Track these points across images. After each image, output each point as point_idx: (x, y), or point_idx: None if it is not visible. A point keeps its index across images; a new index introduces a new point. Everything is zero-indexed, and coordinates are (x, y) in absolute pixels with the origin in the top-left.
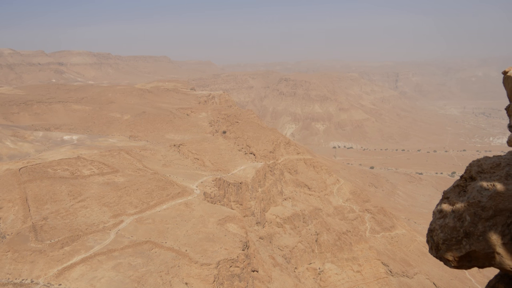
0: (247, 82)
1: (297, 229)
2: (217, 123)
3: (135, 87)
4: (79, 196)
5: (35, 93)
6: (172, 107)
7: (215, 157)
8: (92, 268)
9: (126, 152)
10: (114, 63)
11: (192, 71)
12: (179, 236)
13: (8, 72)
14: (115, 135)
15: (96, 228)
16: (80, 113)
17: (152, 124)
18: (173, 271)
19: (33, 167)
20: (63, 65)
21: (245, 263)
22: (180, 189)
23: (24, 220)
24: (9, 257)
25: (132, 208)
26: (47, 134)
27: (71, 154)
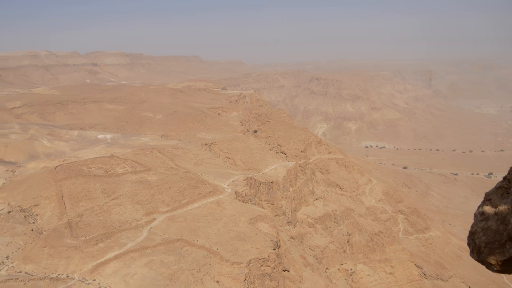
0: (278, 81)
1: (328, 229)
2: (248, 123)
3: (167, 87)
4: (113, 194)
5: (70, 93)
6: (204, 107)
7: (246, 156)
8: (125, 264)
9: (159, 151)
10: (146, 63)
11: (223, 71)
12: (210, 234)
13: (45, 73)
14: (148, 134)
15: (129, 225)
16: (114, 112)
17: (184, 123)
18: (205, 269)
19: (69, 165)
20: (97, 65)
21: (276, 262)
22: (211, 188)
23: (60, 217)
24: (46, 253)
25: (164, 206)
26: (82, 133)
27: (105, 153)
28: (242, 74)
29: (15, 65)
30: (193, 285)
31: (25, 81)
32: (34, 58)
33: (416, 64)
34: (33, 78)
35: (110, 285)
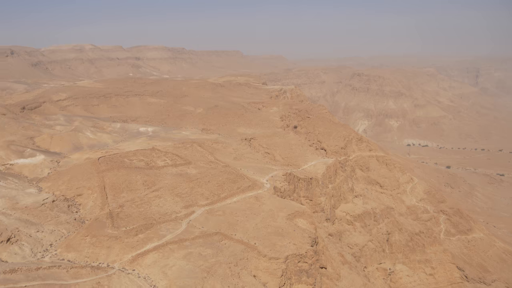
0: (319, 77)
1: (367, 227)
2: (288, 118)
3: (208, 81)
4: (153, 186)
5: (113, 86)
6: (244, 101)
7: (286, 152)
8: (164, 256)
9: (199, 144)
10: (188, 57)
11: (264, 66)
12: (248, 229)
13: (89, 67)
14: (188, 128)
15: (168, 217)
16: (155, 106)
17: (224, 118)
18: (242, 263)
19: (111, 157)
20: (139, 59)
21: (313, 259)
22: (250, 182)
23: (102, 207)
24: (87, 242)
25: (203, 199)
26: (124, 125)
27: (146, 146)
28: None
29: (61, 58)
30: (230, 278)
31: (71, 74)
32: (80, 51)
33: (462, 61)
34: (78, 71)
35: (149, 276)
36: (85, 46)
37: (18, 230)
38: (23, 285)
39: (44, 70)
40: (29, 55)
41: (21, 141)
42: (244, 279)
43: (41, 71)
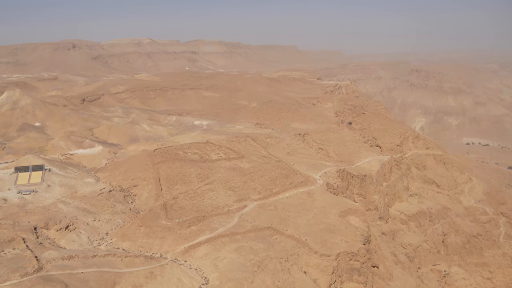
0: (375, 72)
1: (422, 227)
2: (342, 114)
3: (262, 76)
4: (207, 179)
5: (170, 80)
6: (298, 96)
7: (340, 148)
8: (216, 248)
9: (252, 139)
10: (243, 52)
11: (319, 61)
12: (300, 224)
13: (147, 60)
14: (242, 122)
15: (221, 210)
16: (210, 99)
17: (278, 113)
18: (293, 259)
19: (166, 149)
20: (196, 53)
21: (365, 257)
22: (303, 178)
23: (157, 198)
24: (142, 232)
25: (255, 194)
26: (179, 118)
27: (201, 139)
28: (338, 64)
29: (120, 52)
30: (280, 273)
31: (129, 67)
32: (138, 45)
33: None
34: (136, 64)
35: (201, 267)
36: (143, 40)
37: (76, 218)
38: (80, 272)
39: (103, 63)
40: (90, 48)
41: (81, 132)
42: (294, 275)
43: (101, 64)
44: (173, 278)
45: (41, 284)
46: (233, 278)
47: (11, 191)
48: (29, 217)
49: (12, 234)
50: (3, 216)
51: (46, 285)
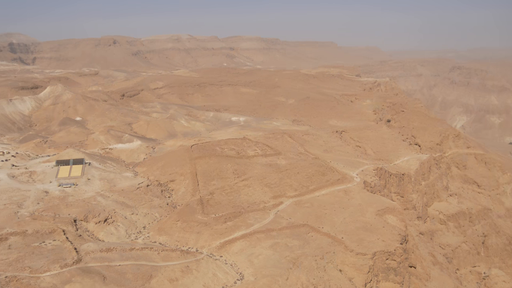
0: (415, 69)
1: (461, 228)
2: (381, 111)
3: (300, 72)
4: (243, 175)
5: (208, 76)
6: (336, 93)
7: (378, 146)
8: (251, 244)
9: (289, 135)
10: (281, 48)
11: (358, 57)
12: (336, 222)
13: (185, 56)
14: (279, 119)
15: (257, 207)
16: (248, 96)
17: (316, 110)
18: (328, 257)
19: (203, 145)
20: (234, 49)
21: (402, 257)
22: (340, 176)
23: (193, 193)
24: (178, 226)
25: (292, 190)
26: (216, 114)
27: (238, 135)
28: (377, 61)
29: (160, 48)
30: (315, 271)
31: (168, 63)
32: (177, 41)
33: None
34: (174, 60)
35: (236, 263)
36: (182, 36)
37: (114, 211)
38: (117, 264)
39: (143, 59)
40: (130, 44)
41: (120, 127)
42: (329, 273)
43: (140, 60)
44: (209, 273)
45: (80, 276)
46: (268, 275)
47: (52, 183)
48: (69, 209)
49: (53, 226)
50: (45, 208)
51: (85, 277)
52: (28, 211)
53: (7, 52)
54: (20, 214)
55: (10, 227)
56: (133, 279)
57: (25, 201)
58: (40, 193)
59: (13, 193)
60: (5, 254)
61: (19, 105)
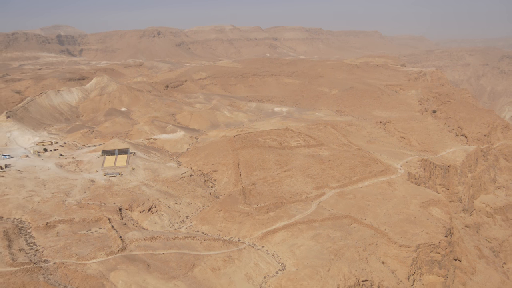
0: (463, 59)
1: (509, 221)
2: (427, 102)
3: (344, 62)
4: (285, 165)
5: (251, 66)
6: (381, 83)
7: (423, 137)
8: (293, 235)
9: (332, 126)
10: (325, 38)
11: (404, 47)
12: (379, 214)
13: (228, 47)
14: (322, 109)
15: (299, 197)
16: (290, 86)
17: (359, 100)
18: (371, 249)
19: (246, 136)
20: (277, 40)
21: (447, 250)
22: (383, 167)
23: (236, 184)
24: (221, 216)
25: (334, 181)
26: (259, 105)
27: (280, 126)
28: (423, 50)
29: (203, 38)
30: (357, 263)
31: (211, 54)
32: (220, 32)
33: None
34: (217, 51)
35: (277, 253)
36: (225, 27)
37: (158, 201)
38: (161, 253)
39: (186, 50)
40: (174, 35)
41: (164, 117)
42: (372, 265)
43: (184, 51)
44: (250, 263)
45: (125, 263)
46: (309, 265)
47: (98, 173)
48: (114, 198)
49: (99, 214)
50: (91, 197)
51: (130, 264)
52: (75, 200)
53: (55, 44)
54: (68, 202)
55: (58, 215)
56: (176, 268)
57: (72, 190)
58: (87, 182)
59: (61, 182)
60: (53, 241)
61: (66, 96)
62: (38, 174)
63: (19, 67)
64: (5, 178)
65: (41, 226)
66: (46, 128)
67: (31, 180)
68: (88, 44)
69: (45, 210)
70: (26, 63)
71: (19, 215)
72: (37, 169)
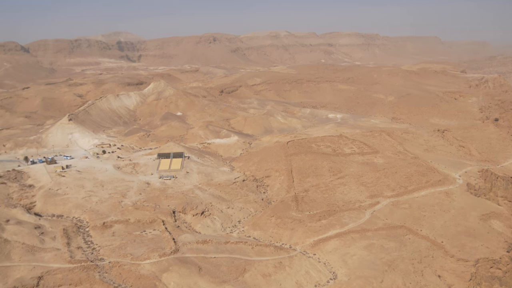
0: None
1: None
2: (488, 110)
3: (401, 69)
4: (339, 173)
5: (305, 72)
6: (439, 90)
7: (483, 146)
8: (345, 244)
9: (388, 133)
10: (381, 44)
11: (464, 53)
12: (435, 225)
13: (283, 53)
14: (377, 116)
15: (352, 206)
16: (345, 92)
17: (416, 107)
18: (426, 261)
19: (299, 142)
20: (332, 46)
21: (509, 266)
22: (441, 176)
23: (288, 190)
24: (272, 222)
25: (389, 190)
26: (313, 111)
27: (334, 132)
28: (485, 56)
29: (258, 44)
30: (412, 275)
31: (265, 60)
32: (275, 38)
33: None
34: (272, 57)
35: (329, 262)
36: (280, 32)
37: (211, 204)
38: (212, 256)
39: (241, 56)
40: (229, 41)
41: (218, 122)
42: (427, 278)
43: (239, 56)
44: (301, 270)
45: (177, 265)
46: (362, 276)
47: (153, 175)
48: (168, 201)
49: (153, 216)
50: (146, 198)
51: (182, 266)
52: (131, 201)
53: (115, 50)
54: (124, 203)
55: (114, 215)
56: (227, 272)
57: (128, 191)
58: (142, 184)
59: (118, 183)
60: (109, 240)
61: (125, 100)
62: (97, 175)
63: (81, 72)
64: (66, 178)
65: (98, 226)
66: (105, 130)
67: (90, 181)
68: (146, 50)
69: (102, 210)
70: (88, 68)
71: (78, 214)
72: (96, 170)
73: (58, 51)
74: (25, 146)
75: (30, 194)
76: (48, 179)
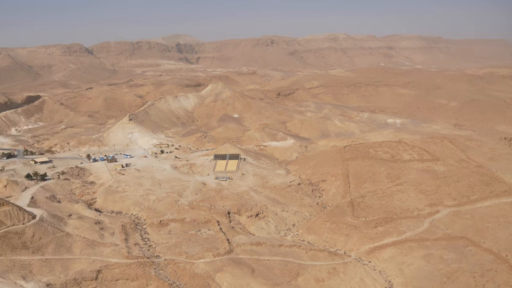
0: None
1: None
2: None
3: (465, 73)
4: (397, 179)
5: (364, 76)
6: (507, 96)
7: None
8: (402, 252)
9: (449, 140)
10: (444, 47)
11: None
12: (500, 238)
13: (341, 56)
14: (439, 122)
15: (410, 214)
16: (405, 97)
17: (481, 114)
18: (489, 275)
19: (356, 146)
20: (392, 49)
21: None
22: (507, 187)
23: (344, 195)
24: (327, 227)
25: (450, 199)
26: (371, 116)
27: (393, 138)
28: None
29: (316, 47)
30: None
31: (323, 63)
32: (333, 41)
33: None
34: (330, 60)
35: (385, 270)
36: (338, 35)
37: (266, 207)
38: (266, 259)
39: (299, 58)
40: (287, 44)
41: (275, 125)
42: None
43: (297, 59)
44: (356, 277)
45: (231, 266)
46: (419, 286)
47: (209, 176)
48: (224, 202)
49: (209, 216)
50: (202, 199)
51: (235, 267)
52: (187, 201)
53: (174, 52)
54: (180, 202)
55: (171, 214)
56: (280, 275)
57: (185, 191)
58: (199, 185)
59: (175, 182)
60: (165, 238)
61: (183, 101)
62: (155, 174)
63: (142, 73)
64: (125, 176)
65: (155, 223)
66: (164, 131)
67: (148, 179)
68: (204, 52)
69: (159, 209)
70: (148, 70)
71: (136, 211)
72: (154, 169)
73: (120, 53)
74: (88, 144)
75: (92, 190)
76: (108, 176)
